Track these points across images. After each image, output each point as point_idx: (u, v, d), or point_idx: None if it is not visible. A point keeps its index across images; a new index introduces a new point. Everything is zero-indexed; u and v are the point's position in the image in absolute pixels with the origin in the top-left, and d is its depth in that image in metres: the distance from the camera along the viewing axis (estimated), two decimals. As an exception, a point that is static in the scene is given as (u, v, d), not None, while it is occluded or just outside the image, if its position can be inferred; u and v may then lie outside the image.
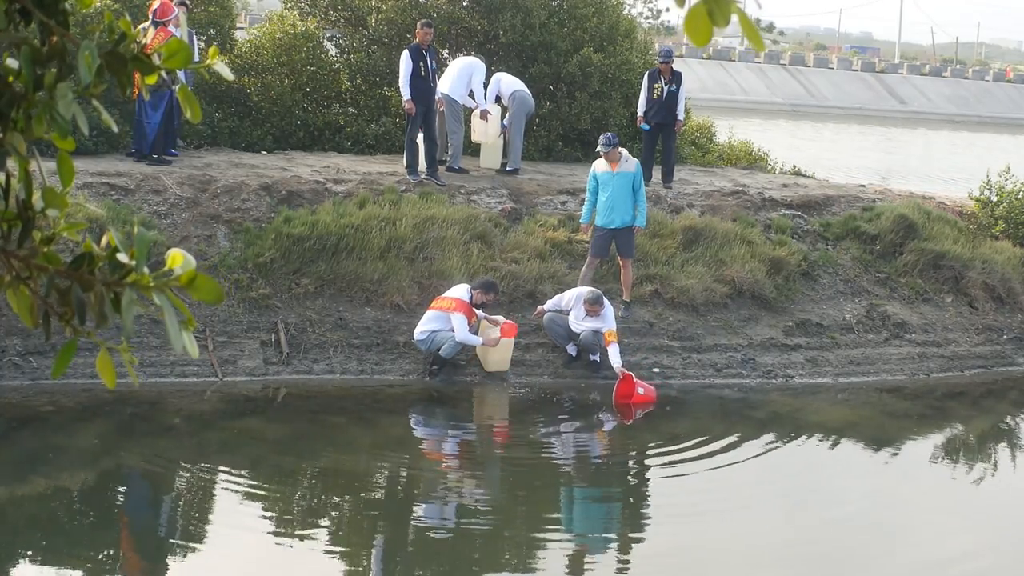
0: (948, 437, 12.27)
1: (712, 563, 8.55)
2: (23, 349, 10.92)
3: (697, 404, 12.03)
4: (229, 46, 15.82)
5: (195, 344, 1.90)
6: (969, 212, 15.91)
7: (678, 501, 9.66)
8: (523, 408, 11.55)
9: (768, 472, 10.39)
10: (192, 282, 1.82)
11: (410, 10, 16.57)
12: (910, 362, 13.42)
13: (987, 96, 64.22)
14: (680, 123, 15.27)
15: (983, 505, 10.26)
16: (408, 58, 13.73)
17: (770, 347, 13.02)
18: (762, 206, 15.00)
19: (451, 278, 12.27)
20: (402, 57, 13.87)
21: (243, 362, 11.54)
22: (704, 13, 1.70)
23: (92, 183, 12.37)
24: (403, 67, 13.73)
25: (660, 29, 22.69)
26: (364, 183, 13.66)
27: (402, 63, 13.78)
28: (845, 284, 14.11)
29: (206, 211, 12.62)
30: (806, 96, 58.79)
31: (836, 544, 8.98)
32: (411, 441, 11.01)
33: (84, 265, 1.85)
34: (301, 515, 8.94)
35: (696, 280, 13.19)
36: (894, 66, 69.39)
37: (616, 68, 16.80)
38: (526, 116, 15.07)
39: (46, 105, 1.91)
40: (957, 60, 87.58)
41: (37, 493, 8.86)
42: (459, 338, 11.49)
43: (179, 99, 2.10)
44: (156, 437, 10.16)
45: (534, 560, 8.38)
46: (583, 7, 17.07)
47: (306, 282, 12.16)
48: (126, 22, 2.02)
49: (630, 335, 12.59)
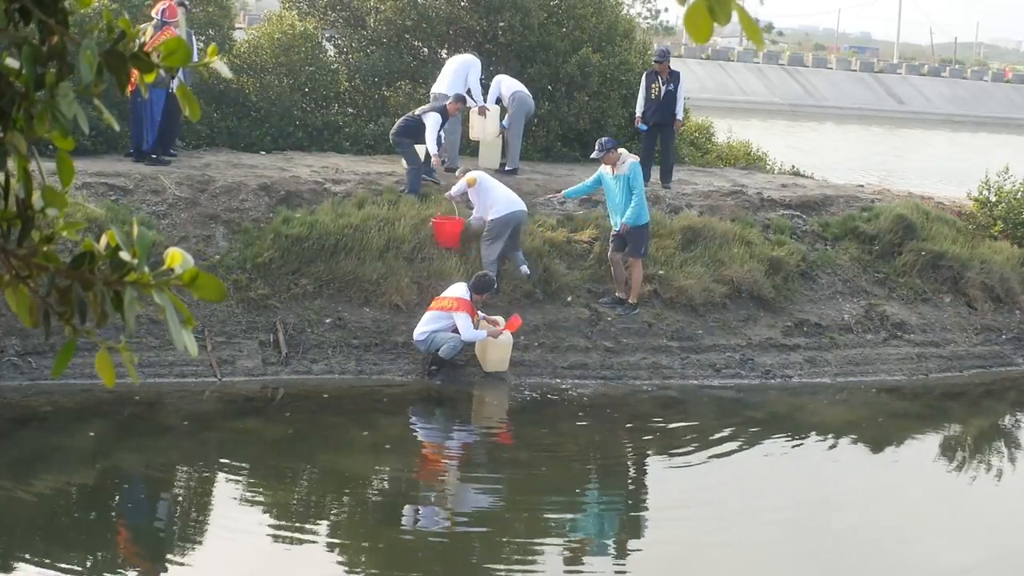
0: (947, 437, 12.28)
1: (711, 563, 8.56)
2: (22, 349, 10.92)
3: (696, 404, 12.03)
4: (228, 46, 15.81)
5: (195, 343, 1.90)
6: (968, 212, 15.92)
7: (677, 501, 9.67)
8: (522, 408, 11.55)
9: (767, 472, 10.39)
10: (194, 280, 1.81)
11: (409, 10, 16.57)
12: (909, 362, 13.43)
13: (986, 96, 64.22)
14: (679, 123, 15.26)
15: (982, 505, 10.27)
16: (439, 119, 13.40)
17: (769, 347, 13.02)
18: (761, 206, 15.00)
19: (450, 278, 12.27)
20: (433, 117, 13.41)
21: (242, 362, 11.54)
22: (704, 10, 1.70)
23: (91, 183, 12.37)
24: (434, 125, 13.35)
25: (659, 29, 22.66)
26: (363, 183, 13.65)
27: (432, 121, 13.36)
28: (844, 284, 14.11)
29: (205, 211, 12.61)
30: (805, 96, 58.78)
31: (835, 544, 8.98)
32: (410, 441, 11.01)
33: (85, 264, 1.85)
34: (299, 515, 8.93)
35: (695, 280, 13.19)
36: (893, 66, 69.41)
37: (615, 68, 16.80)
38: (526, 117, 15.05)
39: (47, 104, 1.91)
40: (956, 60, 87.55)
41: (36, 493, 8.85)
42: (465, 336, 11.46)
43: (178, 98, 2.10)
44: (155, 437, 10.15)
45: (533, 560, 8.37)
46: (582, 7, 17.07)
47: (305, 282, 12.16)
48: (125, 21, 2.02)
49: (629, 335, 12.60)
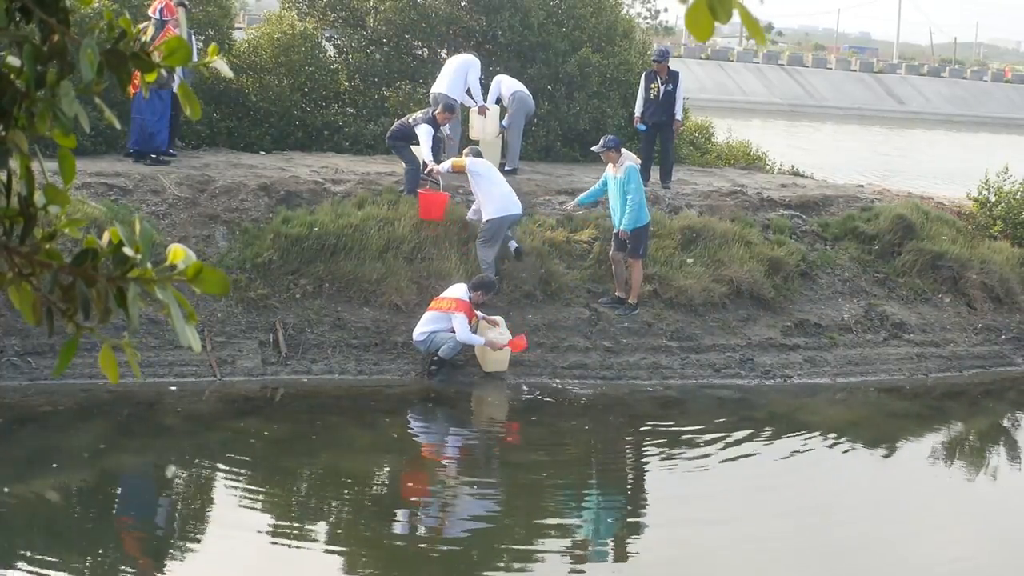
0: (946, 437, 12.28)
1: (711, 564, 8.56)
2: (22, 349, 10.92)
3: (696, 404, 12.03)
4: (227, 46, 15.81)
5: (199, 338, 1.91)
6: (967, 212, 15.92)
7: (676, 501, 9.67)
8: (521, 408, 11.55)
9: (767, 473, 10.38)
10: (198, 274, 1.82)
11: (408, 10, 16.58)
12: (908, 362, 13.43)
13: (985, 96, 64.23)
14: (679, 123, 15.25)
15: (982, 505, 10.28)
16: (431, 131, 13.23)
17: (768, 347, 13.02)
18: (760, 206, 15.00)
19: (449, 278, 12.27)
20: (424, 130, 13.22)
21: (241, 362, 11.54)
22: (705, 8, 1.70)
23: (90, 183, 12.37)
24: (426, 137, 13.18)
25: (659, 29, 22.64)
26: (363, 183, 13.65)
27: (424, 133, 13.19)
28: (843, 284, 14.11)
29: (204, 211, 12.62)
30: (805, 96, 58.78)
31: (835, 544, 8.98)
32: (409, 441, 11.01)
33: (87, 260, 1.85)
34: (299, 515, 8.94)
35: (695, 280, 13.19)
36: (892, 66, 69.41)
37: (615, 68, 16.81)
38: (526, 117, 15.05)
39: (48, 103, 1.91)
40: (955, 60, 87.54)
41: (36, 493, 8.85)
42: (460, 338, 11.47)
43: (179, 97, 2.10)
44: (154, 437, 10.16)
45: (532, 560, 8.37)
46: (581, 7, 17.07)
47: (304, 282, 12.16)
48: (126, 20, 2.02)
49: (629, 335, 12.60)
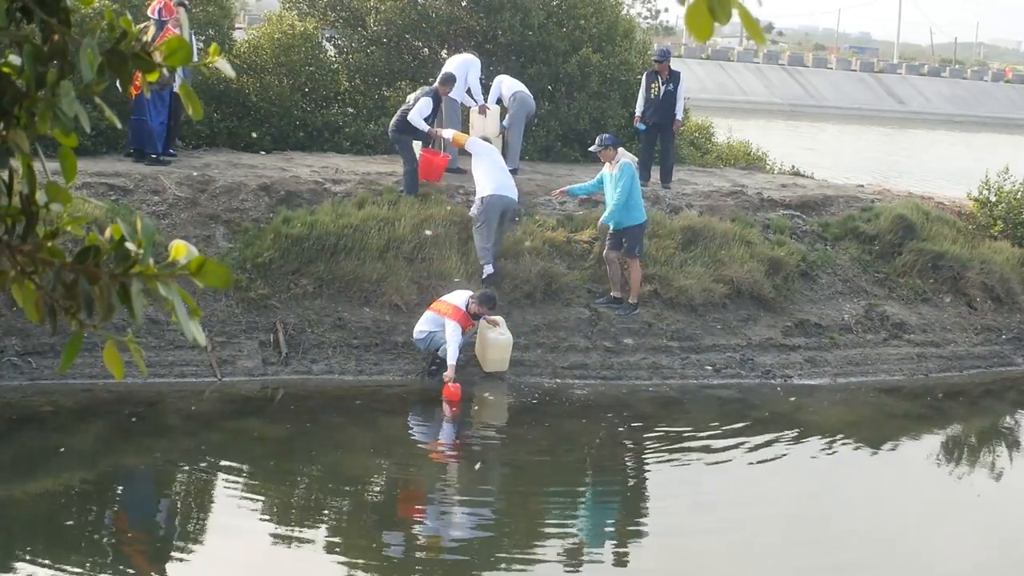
0: (947, 437, 12.29)
1: (712, 564, 8.56)
2: (22, 349, 10.92)
3: (696, 404, 12.03)
4: (228, 46, 15.81)
5: (203, 333, 1.91)
6: (968, 212, 15.92)
7: (676, 501, 9.67)
8: (521, 408, 11.55)
9: (767, 472, 10.39)
10: (201, 268, 1.82)
11: (409, 10, 16.58)
12: (909, 362, 13.43)
13: (986, 96, 64.25)
14: (679, 123, 15.25)
15: (982, 506, 10.27)
16: (431, 102, 13.28)
17: (769, 347, 13.02)
18: (761, 206, 15.00)
19: (450, 278, 12.27)
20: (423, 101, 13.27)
21: (242, 362, 11.54)
22: (705, 8, 1.71)
23: (91, 183, 12.37)
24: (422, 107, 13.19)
25: (659, 29, 22.67)
26: (363, 183, 13.66)
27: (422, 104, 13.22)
28: (844, 284, 14.11)
29: (205, 211, 12.62)
30: (805, 96, 58.79)
31: (835, 544, 8.98)
32: (409, 441, 11.01)
33: (90, 258, 1.86)
34: (299, 515, 8.94)
35: (695, 280, 13.19)
36: (893, 66, 69.42)
37: (615, 68, 16.82)
38: (527, 117, 15.05)
39: (49, 103, 1.92)
40: (956, 60, 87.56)
41: (36, 493, 8.86)
42: (448, 343, 11.34)
43: (181, 96, 2.11)
44: (155, 437, 10.16)
45: (532, 560, 8.37)
46: (582, 7, 17.08)
47: (305, 282, 12.16)
48: (127, 20, 2.03)
49: (629, 335, 12.60)
